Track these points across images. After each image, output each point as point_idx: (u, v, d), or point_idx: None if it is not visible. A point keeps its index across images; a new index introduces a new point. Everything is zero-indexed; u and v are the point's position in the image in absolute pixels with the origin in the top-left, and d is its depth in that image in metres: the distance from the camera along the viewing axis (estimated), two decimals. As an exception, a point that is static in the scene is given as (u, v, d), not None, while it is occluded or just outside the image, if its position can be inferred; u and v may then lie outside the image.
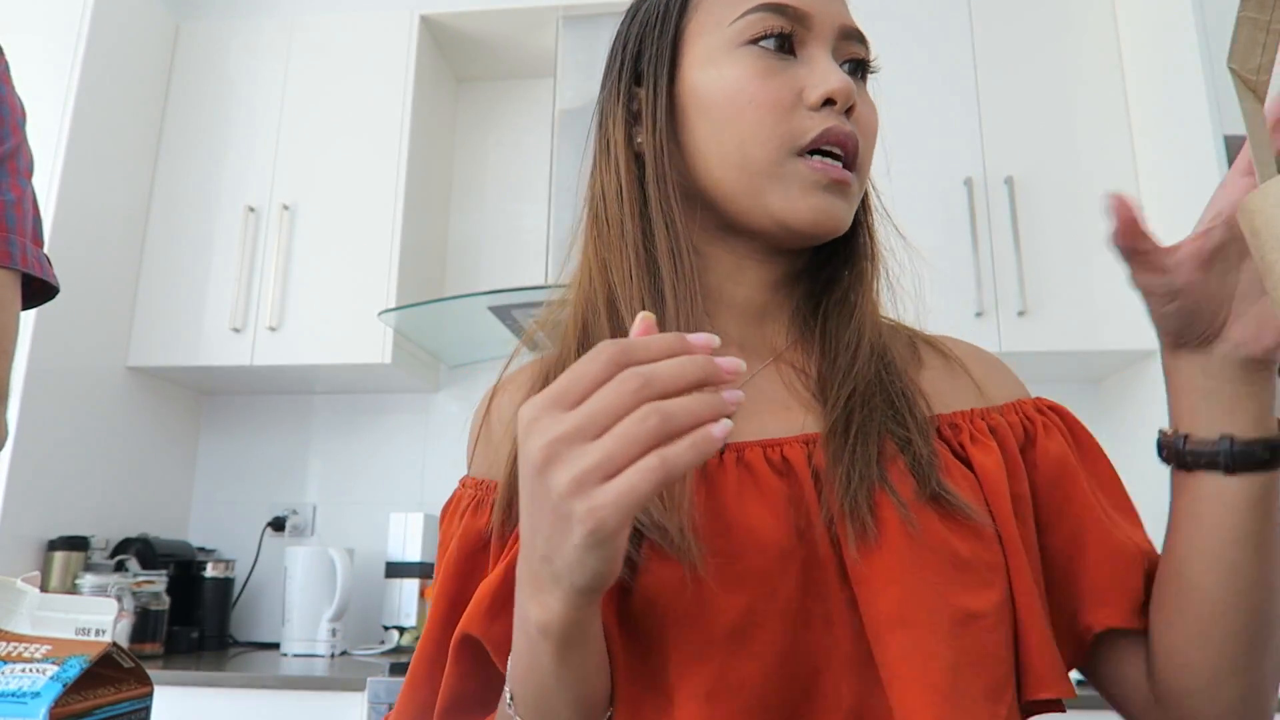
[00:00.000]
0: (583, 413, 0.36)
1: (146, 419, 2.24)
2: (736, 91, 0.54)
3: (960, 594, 0.48)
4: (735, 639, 0.47)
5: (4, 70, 0.87)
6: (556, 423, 0.37)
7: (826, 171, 0.53)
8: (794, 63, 0.55)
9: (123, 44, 2.15)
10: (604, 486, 0.36)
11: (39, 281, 0.87)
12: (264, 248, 2.17)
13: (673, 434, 0.36)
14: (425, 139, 2.32)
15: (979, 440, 0.55)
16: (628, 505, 0.35)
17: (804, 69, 0.55)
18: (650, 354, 0.37)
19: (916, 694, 0.46)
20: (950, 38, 2.08)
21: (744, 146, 0.54)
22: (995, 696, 0.48)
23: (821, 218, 0.54)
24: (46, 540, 1.91)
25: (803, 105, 0.54)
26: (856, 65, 0.58)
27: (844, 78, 0.54)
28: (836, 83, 0.53)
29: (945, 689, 0.46)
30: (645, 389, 0.36)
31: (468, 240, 2.49)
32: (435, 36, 2.40)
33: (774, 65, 0.54)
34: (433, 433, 2.37)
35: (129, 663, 0.52)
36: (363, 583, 2.19)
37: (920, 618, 0.47)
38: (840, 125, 0.53)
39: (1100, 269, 1.90)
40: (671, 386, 0.36)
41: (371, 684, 1.59)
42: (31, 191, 0.88)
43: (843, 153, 0.54)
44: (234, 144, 2.25)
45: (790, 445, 0.53)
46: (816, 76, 0.54)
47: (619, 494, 0.35)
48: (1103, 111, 2.00)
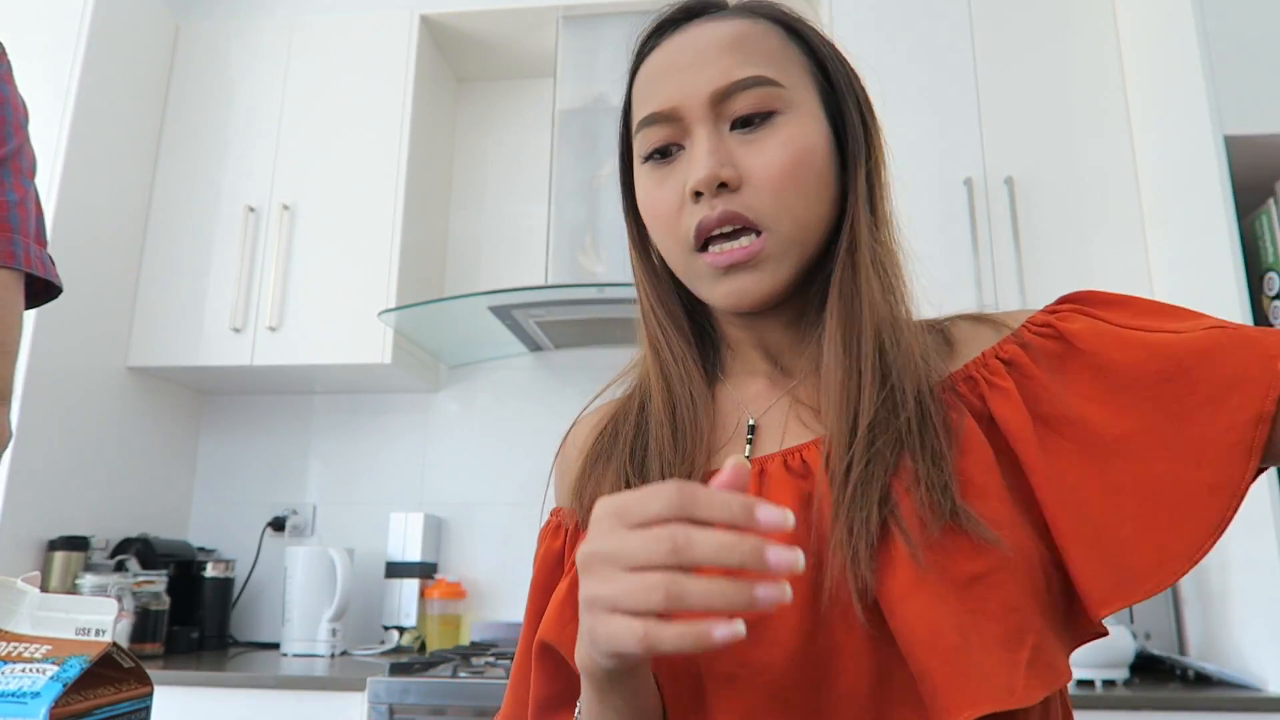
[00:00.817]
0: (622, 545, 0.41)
1: (146, 419, 2.24)
2: (646, 210, 0.60)
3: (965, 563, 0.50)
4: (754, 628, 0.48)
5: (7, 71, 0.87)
6: (606, 535, 0.42)
7: (717, 261, 0.56)
8: (682, 157, 0.59)
9: (123, 44, 2.15)
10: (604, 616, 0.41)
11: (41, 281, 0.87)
12: (264, 248, 2.17)
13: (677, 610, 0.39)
14: (425, 139, 2.32)
15: (996, 384, 0.55)
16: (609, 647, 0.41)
17: (685, 161, 0.58)
18: (711, 513, 0.40)
19: (930, 654, 0.47)
20: (950, 38, 2.08)
21: (668, 254, 0.61)
22: (1013, 644, 0.48)
23: (733, 301, 0.57)
24: (46, 540, 1.91)
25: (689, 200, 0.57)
26: (748, 119, 0.57)
27: (702, 166, 0.56)
28: (695, 177, 0.56)
29: (957, 642, 0.47)
30: (675, 556, 0.39)
31: (468, 240, 2.49)
32: (435, 36, 2.40)
33: (663, 173, 0.59)
34: (433, 433, 2.37)
35: (129, 663, 0.52)
36: (363, 583, 2.19)
37: (928, 587, 0.48)
38: (707, 216, 0.56)
39: (1100, 269, 1.90)
40: (705, 562, 0.39)
41: (371, 684, 1.59)
42: (34, 192, 0.89)
43: (732, 227, 0.56)
44: (234, 144, 2.25)
45: (808, 449, 0.57)
46: (687, 169, 0.57)
47: (608, 634, 0.40)
48: (1103, 111, 2.00)
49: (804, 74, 0.60)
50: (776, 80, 0.57)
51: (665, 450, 0.59)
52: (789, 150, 0.56)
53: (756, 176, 0.56)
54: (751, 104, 0.57)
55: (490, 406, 2.34)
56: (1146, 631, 1.78)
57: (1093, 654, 1.52)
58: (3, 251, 0.81)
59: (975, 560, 0.49)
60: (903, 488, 0.51)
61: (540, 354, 2.36)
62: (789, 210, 0.56)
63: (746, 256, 0.55)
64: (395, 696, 1.57)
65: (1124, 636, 1.58)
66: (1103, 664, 1.53)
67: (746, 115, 0.57)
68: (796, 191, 0.56)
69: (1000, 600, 0.49)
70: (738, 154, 0.57)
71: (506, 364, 2.37)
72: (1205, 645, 1.72)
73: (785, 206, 0.56)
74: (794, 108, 0.58)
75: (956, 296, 1.91)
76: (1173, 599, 1.81)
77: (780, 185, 0.56)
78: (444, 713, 1.56)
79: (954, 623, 0.48)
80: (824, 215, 0.59)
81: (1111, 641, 1.54)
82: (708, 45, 0.58)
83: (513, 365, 2.37)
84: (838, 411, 0.55)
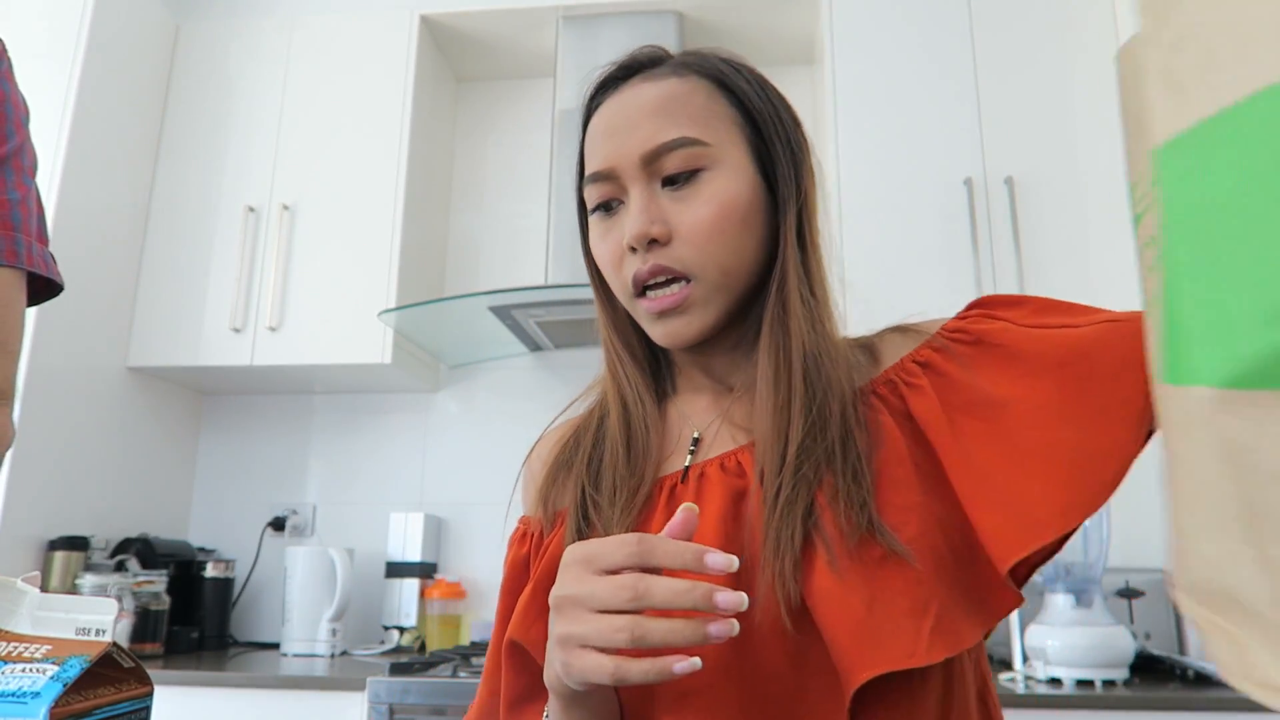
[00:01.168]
0: (590, 590, 0.48)
1: (146, 419, 2.24)
2: (596, 257, 0.68)
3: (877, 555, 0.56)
4: None
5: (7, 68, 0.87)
6: (575, 581, 0.49)
7: (651, 307, 0.64)
8: (623, 210, 0.65)
9: (123, 44, 2.15)
10: (577, 652, 0.47)
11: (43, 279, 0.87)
12: (264, 248, 2.17)
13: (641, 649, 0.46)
14: (425, 139, 2.32)
15: (913, 384, 0.62)
16: (582, 678, 0.47)
17: (626, 215, 0.64)
18: (668, 561, 0.47)
19: (840, 627, 0.54)
20: (950, 38, 2.08)
21: (617, 295, 0.68)
22: (917, 613, 0.53)
23: (669, 340, 0.65)
24: (46, 540, 1.91)
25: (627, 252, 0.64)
26: (675, 177, 0.63)
27: (635, 223, 0.62)
28: (628, 233, 0.63)
29: (864, 614, 0.53)
30: (636, 602, 0.46)
31: (468, 240, 2.49)
32: (435, 36, 2.40)
33: (607, 225, 0.66)
34: (433, 433, 2.37)
35: (129, 663, 0.52)
36: (363, 583, 2.19)
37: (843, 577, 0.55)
38: (639, 269, 0.63)
39: (1100, 269, 1.90)
40: (662, 606, 0.46)
41: (371, 684, 1.59)
42: (36, 190, 0.89)
43: (665, 277, 0.63)
44: (234, 144, 2.25)
45: (742, 452, 0.64)
46: (625, 224, 0.63)
47: (581, 668, 0.47)
48: (1103, 111, 2.00)
49: (731, 126, 0.65)
50: (701, 139, 0.63)
51: (619, 465, 0.66)
52: (713, 205, 0.62)
53: (684, 231, 0.62)
54: (678, 164, 0.63)
55: (490, 406, 2.34)
56: (1146, 631, 1.78)
57: (1093, 654, 1.53)
58: (5, 250, 0.81)
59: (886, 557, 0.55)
60: (825, 500, 0.58)
61: (540, 354, 2.36)
62: (715, 260, 0.62)
63: (675, 303, 0.63)
64: (395, 696, 1.57)
65: (1124, 636, 1.58)
66: (1103, 664, 1.53)
67: (674, 174, 0.63)
68: (722, 242, 0.62)
69: (906, 578, 0.54)
70: (668, 209, 0.63)
71: (506, 364, 2.37)
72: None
73: (711, 256, 0.62)
74: (719, 163, 0.63)
75: (956, 296, 1.90)
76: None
77: (706, 238, 0.62)
78: (444, 713, 1.56)
79: (862, 598, 0.54)
80: (754, 257, 0.65)
81: (1111, 641, 1.54)
82: (639, 109, 0.64)
83: (513, 365, 2.37)
84: (768, 439, 0.61)
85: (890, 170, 2.02)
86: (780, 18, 2.30)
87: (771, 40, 2.39)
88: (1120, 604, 1.79)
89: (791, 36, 2.37)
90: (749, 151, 0.65)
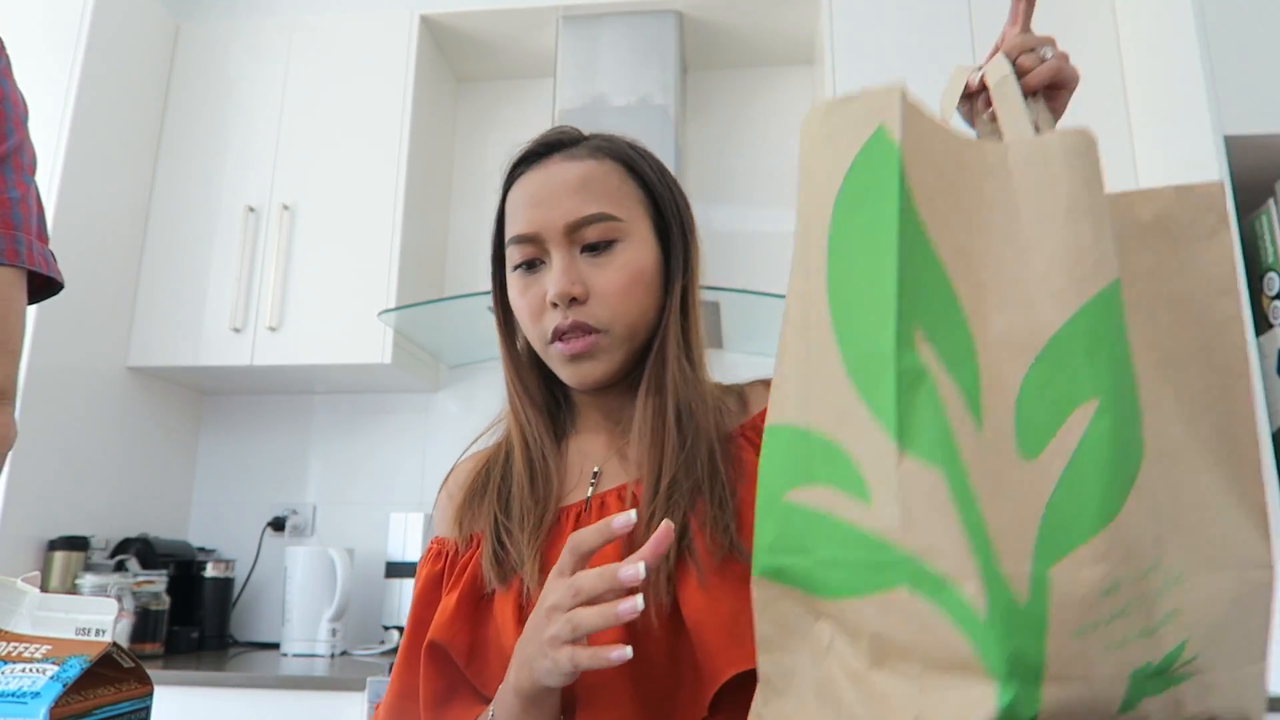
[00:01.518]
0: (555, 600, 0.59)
1: (146, 419, 2.24)
2: (515, 307, 0.77)
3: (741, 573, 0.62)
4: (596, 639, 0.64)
5: (6, 66, 0.87)
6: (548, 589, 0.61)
7: (564, 352, 0.73)
8: (545, 269, 0.75)
9: (123, 44, 2.15)
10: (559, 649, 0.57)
11: (42, 277, 0.87)
12: (264, 248, 2.17)
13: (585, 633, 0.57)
14: (425, 139, 2.32)
15: None
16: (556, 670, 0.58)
17: (548, 273, 0.74)
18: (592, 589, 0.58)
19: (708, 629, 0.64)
20: (950, 38, 2.08)
21: (532, 341, 0.77)
22: None
23: (578, 381, 0.75)
24: (46, 540, 1.91)
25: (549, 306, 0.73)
26: (594, 245, 0.74)
27: (558, 283, 0.72)
28: (553, 290, 0.72)
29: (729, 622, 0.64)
30: (578, 597, 0.58)
31: (468, 240, 2.49)
32: (435, 36, 2.40)
33: (528, 281, 0.75)
34: (433, 433, 2.37)
35: (129, 663, 0.53)
36: (363, 583, 2.19)
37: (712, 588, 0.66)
38: (560, 323, 0.73)
39: (1100, 269, 1.90)
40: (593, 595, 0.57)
41: (371, 684, 1.59)
42: (35, 188, 0.89)
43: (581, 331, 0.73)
44: (234, 144, 2.25)
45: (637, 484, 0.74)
46: (548, 282, 0.73)
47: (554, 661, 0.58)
48: (1103, 111, 2.00)
49: (639, 205, 0.76)
50: (616, 215, 0.74)
51: (525, 495, 0.76)
52: (625, 272, 0.73)
53: (599, 292, 0.73)
54: (597, 234, 0.73)
55: (490, 406, 2.32)
56: (1146, 631, 1.78)
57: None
58: (6, 249, 0.81)
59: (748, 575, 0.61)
60: (698, 524, 0.68)
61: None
62: (623, 317, 0.73)
63: (585, 348, 0.73)
64: (395, 696, 1.57)
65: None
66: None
67: (593, 243, 0.73)
68: (630, 303, 0.73)
69: None
70: (586, 273, 0.73)
71: (506, 364, 2.36)
72: (1205, 645, 1.72)
73: (620, 315, 0.73)
74: (629, 236, 0.74)
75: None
76: (1173, 599, 1.81)
77: (618, 299, 0.73)
78: (444, 713, 1.56)
79: (729, 609, 0.64)
80: (652, 314, 0.76)
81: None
82: (563, 183, 0.74)
83: (513, 365, 2.36)
84: (646, 472, 0.71)
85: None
86: (780, 18, 2.30)
87: (771, 40, 2.39)
88: (1120, 604, 1.79)
89: (791, 36, 2.37)
90: (652, 228, 0.77)
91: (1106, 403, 0.45)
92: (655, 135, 2.12)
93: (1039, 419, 0.46)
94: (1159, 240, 0.53)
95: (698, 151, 2.44)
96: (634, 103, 2.16)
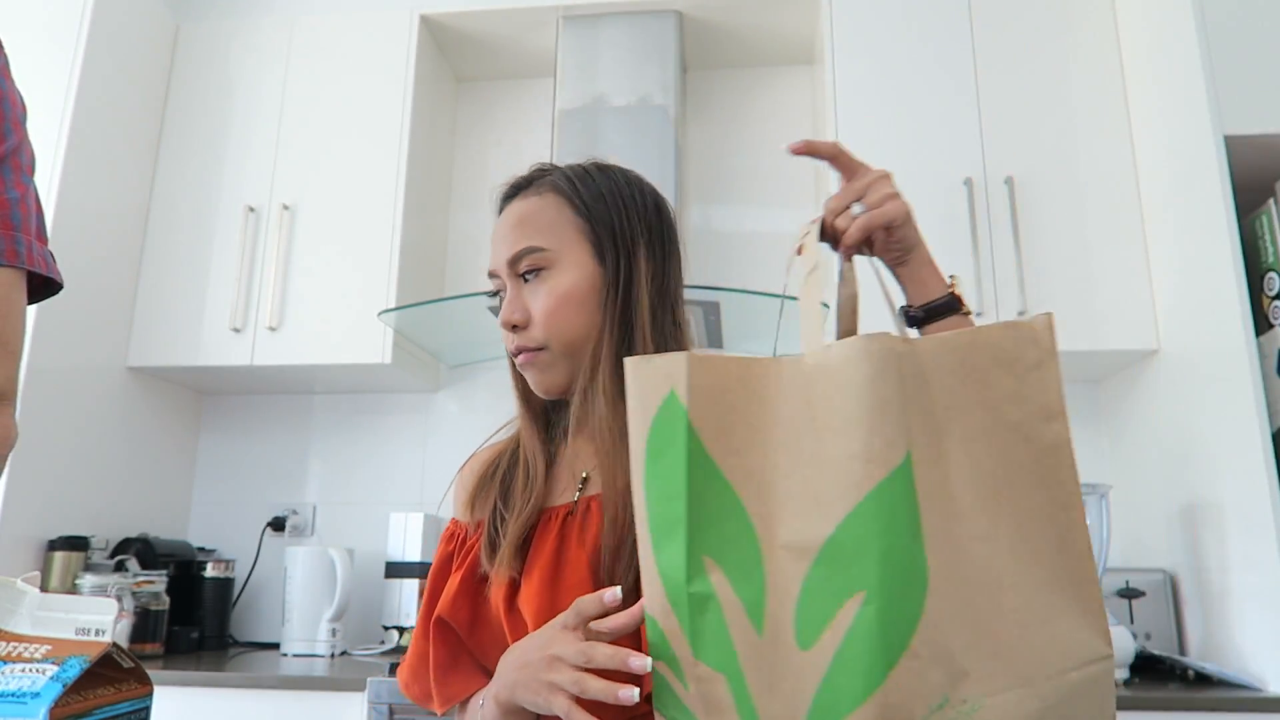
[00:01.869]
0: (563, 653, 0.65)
1: (146, 419, 2.24)
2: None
3: None
4: None
5: (4, 65, 0.87)
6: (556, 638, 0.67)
7: (520, 365, 0.85)
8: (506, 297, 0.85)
9: (123, 44, 2.15)
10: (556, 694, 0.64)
11: (41, 277, 0.87)
12: (264, 248, 2.17)
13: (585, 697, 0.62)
14: (425, 139, 2.32)
15: None
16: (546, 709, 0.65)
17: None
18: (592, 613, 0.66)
19: None
20: (950, 38, 2.08)
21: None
22: None
23: (538, 389, 0.85)
24: (46, 540, 1.91)
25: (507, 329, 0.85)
26: (527, 274, 0.84)
27: (502, 314, 0.84)
28: (501, 319, 0.84)
29: None
30: (582, 659, 0.64)
31: (468, 240, 2.49)
32: (435, 36, 2.40)
33: (500, 306, 0.86)
34: (433, 433, 2.37)
35: (129, 663, 0.52)
36: (363, 583, 2.19)
37: None
38: (509, 344, 0.85)
39: (1100, 269, 1.90)
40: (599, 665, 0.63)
41: (371, 684, 1.59)
42: (34, 188, 0.88)
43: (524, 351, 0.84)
44: (234, 144, 2.25)
45: None
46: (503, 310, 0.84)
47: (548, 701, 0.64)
48: (1103, 111, 2.00)
49: (576, 231, 0.84)
50: (543, 247, 0.83)
51: (519, 490, 0.84)
52: (553, 296, 0.82)
53: (535, 316, 0.83)
54: (527, 265, 0.83)
55: (490, 406, 2.34)
56: (1147, 632, 1.78)
57: (1093, 654, 1.52)
58: (5, 249, 0.81)
59: None
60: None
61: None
62: (558, 335, 0.82)
63: (529, 360, 0.84)
64: (395, 696, 1.57)
65: (1124, 636, 1.58)
66: (1103, 664, 1.53)
67: (525, 272, 0.84)
68: (560, 321, 0.82)
69: None
70: (526, 299, 0.84)
71: (506, 364, 2.36)
72: (1205, 645, 1.72)
73: (554, 333, 0.82)
74: (557, 263, 0.83)
75: (956, 296, 1.90)
76: (1173, 599, 1.81)
77: (548, 321, 0.82)
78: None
79: None
80: (594, 328, 0.83)
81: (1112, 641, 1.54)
82: (507, 223, 0.86)
83: (513, 365, 2.36)
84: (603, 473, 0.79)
85: (890, 170, 2.02)
86: (780, 18, 2.30)
87: (771, 40, 2.39)
88: (1120, 604, 1.79)
89: (791, 36, 2.37)
90: (591, 249, 0.84)
91: (872, 594, 0.53)
92: (655, 135, 2.12)
93: (815, 613, 0.55)
94: (1001, 372, 0.58)
95: (697, 151, 2.44)
96: (634, 103, 2.16)
